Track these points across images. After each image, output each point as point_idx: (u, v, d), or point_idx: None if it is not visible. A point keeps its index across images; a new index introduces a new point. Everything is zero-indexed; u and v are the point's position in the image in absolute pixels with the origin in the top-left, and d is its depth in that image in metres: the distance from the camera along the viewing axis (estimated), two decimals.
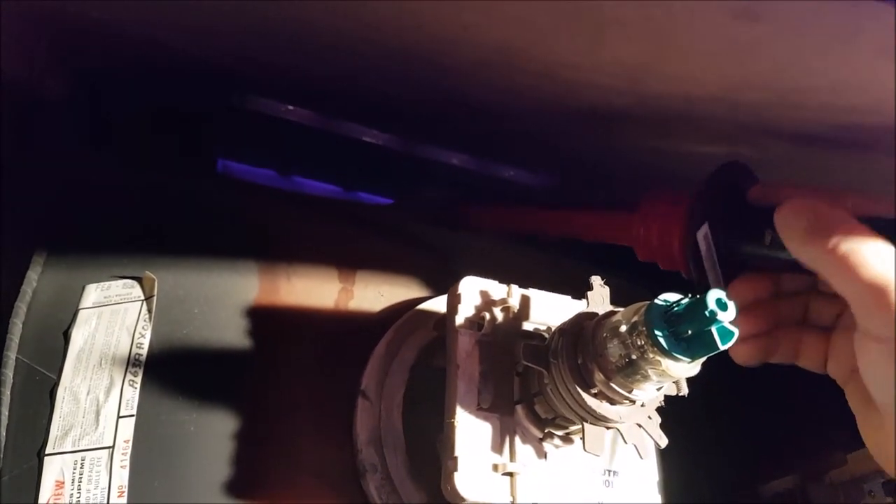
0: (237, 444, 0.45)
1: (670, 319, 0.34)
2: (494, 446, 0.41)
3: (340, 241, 0.56)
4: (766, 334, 0.38)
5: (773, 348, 0.38)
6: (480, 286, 0.45)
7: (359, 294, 0.53)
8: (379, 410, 0.47)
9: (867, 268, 0.30)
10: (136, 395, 0.44)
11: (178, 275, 0.49)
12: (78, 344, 0.46)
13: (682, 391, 0.39)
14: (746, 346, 0.38)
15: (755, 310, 0.38)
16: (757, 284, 0.39)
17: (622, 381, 0.36)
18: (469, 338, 0.43)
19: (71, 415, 0.44)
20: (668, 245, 0.44)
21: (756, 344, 0.38)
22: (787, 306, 0.39)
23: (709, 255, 0.39)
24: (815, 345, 0.38)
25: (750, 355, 0.38)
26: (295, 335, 0.50)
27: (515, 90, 0.49)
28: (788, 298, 0.39)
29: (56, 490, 0.42)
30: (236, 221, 0.54)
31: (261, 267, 0.52)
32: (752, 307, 0.38)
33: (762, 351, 0.38)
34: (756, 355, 0.38)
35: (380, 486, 0.45)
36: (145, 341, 0.46)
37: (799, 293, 0.39)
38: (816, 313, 0.38)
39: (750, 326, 0.37)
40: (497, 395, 0.42)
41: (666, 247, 0.44)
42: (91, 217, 0.52)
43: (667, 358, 0.34)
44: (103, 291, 0.48)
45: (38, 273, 0.48)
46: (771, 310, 0.38)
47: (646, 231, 0.46)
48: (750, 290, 0.38)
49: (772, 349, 0.38)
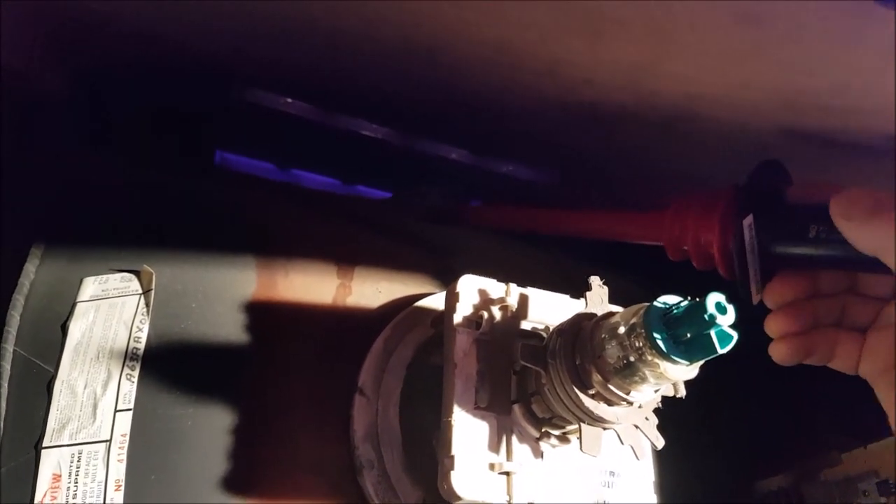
0: (234, 439, 0.45)
1: (669, 322, 0.34)
2: (491, 445, 0.41)
3: (339, 237, 0.56)
4: (804, 333, 0.38)
5: (810, 348, 0.38)
6: (479, 284, 0.45)
7: (357, 290, 0.53)
8: (376, 407, 0.47)
9: None
10: (134, 389, 0.44)
11: (176, 269, 0.49)
12: (75, 337, 0.46)
13: (680, 393, 0.39)
14: (786, 345, 0.38)
15: (794, 308, 0.38)
16: (796, 283, 0.38)
17: (620, 382, 0.36)
18: (467, 336, 0.43)
19: (68, 408, 0.44)
20: (706, 239, 0.43)
21: (795, 343, 0.38)
22: (824, 307, 0.39)
23: (751, 246, 0.39)
24: (849, 345, 0.38)
25: (789, 354, 0.38)
26: (292, 331, 0.50)
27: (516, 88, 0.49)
28: (825, 299, 0.39)
29: (53, 483, 0.42)
30: (234, 216, 0.54)
31: (259, 262, 0.51)
32: (791, 305, 0.38)
33: (801, 350, 0.38)
34: (795, 354, 0.38)
35: (376, 482, 0.45)
36: (143, 335, 0.46)
37: (836, 294, 0.39)
38: (853, 314, 0.38)
39: (790, 324, 0.38)
40: (494, 394, 0.42)
41: (703, 241, 0.44)
42: (89, 212, 0.52)
43: (665, 360, 0.34)
44: (101, 285, 0.48)
45: (36, 266, 0.48)
46: (809, 310, 0.38)
47: (680, 227, 0.46)
48: (789, 288, 0.38)
49: (810, 349, 0.38)
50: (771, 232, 0.39)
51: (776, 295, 0.38)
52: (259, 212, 0.56)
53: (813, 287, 0.39)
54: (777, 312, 0.38)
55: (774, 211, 0.39)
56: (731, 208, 0.41)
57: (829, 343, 0.38)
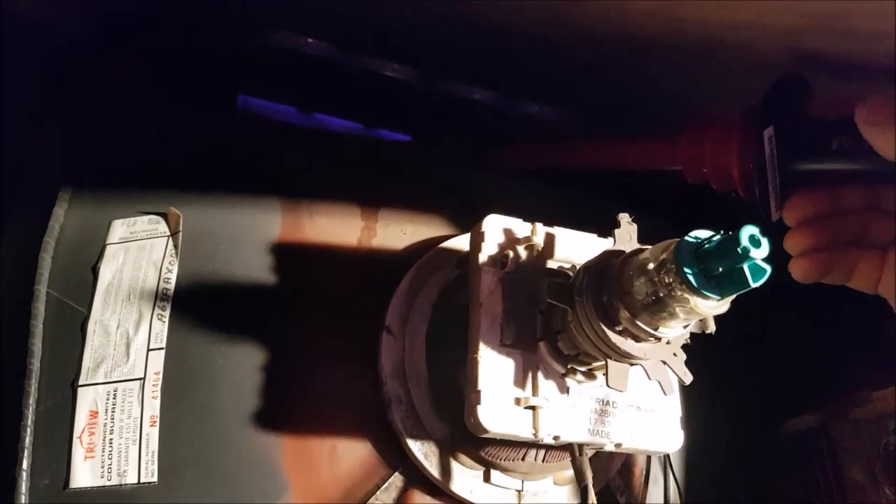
0: (265, 376, 0.46)
1: (700, 256, 0.33)
2: (517, 381, 0.41)
3: (363, 179, 0.56)
4: (825, 250, 0.37)
5: (830, 266, 0.38)
6: (504, 224, 0.45)
7: (381, 232, 0.53)
8: (403, 345, 0.48)
9: None
10: (165, 328, 0.45)
11: (203, 212, 0.50)
12: (106, 278, 0.47)
13: (710, 329, 0.38)
14: (805, 261, 0.37)
15: (814, 225, 0.37)
16: (816, 199, 0.38)
17: (648, 318, 0.36)
18: (492, 276, 0.43)
19: (102, 347, 0.45)
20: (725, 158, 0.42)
21: (815, 260, 0.37)
22: (845, 225, 0.38)
23: (771, 161, 0.38)
24: (870, 263, 0.37)
25: (808, 271, 0.38)
26: (319, 272, 0.50)
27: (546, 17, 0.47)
28: (846, 217, 0.38)
29: (90, 419, 0.43)
30: (259, 160, 0.54)
31: (284, 205, 0.52)
32: (811, 222, 0.37)
33: (820, 267, 0.38)
34: (814, 272, 0.38)
35: (404, 417, 0.46)
36: (172, 276, 0.47)
37: (857, 212, 0.38)
38: (875, 232, 0.38)
39: (810, 241, 0.37)
40: (519, 331, 0.42)
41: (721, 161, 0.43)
42: (115, 156, 0.52)
43: (695, 296, 0.33)
44: (129, 227, 0.49)
45: (65, 209, 0.48)
46: (829, 226, 0.38)
47: (698, 149, 0.45)
48: (810, 204, 0.38)
49: (829, 267, 0.38)
50: (791, 146, 0.38)
51: (796, 211, 0.37)
52: (283, 155, 0.56)
53: (834, 204, 0.38)
54: (796, 229, 0.38)
55: (795, 124, 0.37)
56: (750, 125, 0.40)
57: (850, 261, 0.38)
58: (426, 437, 0.46)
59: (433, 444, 0.46)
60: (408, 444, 0.45)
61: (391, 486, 0.46)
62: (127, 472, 0.42)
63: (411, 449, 0.45)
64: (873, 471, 0.57)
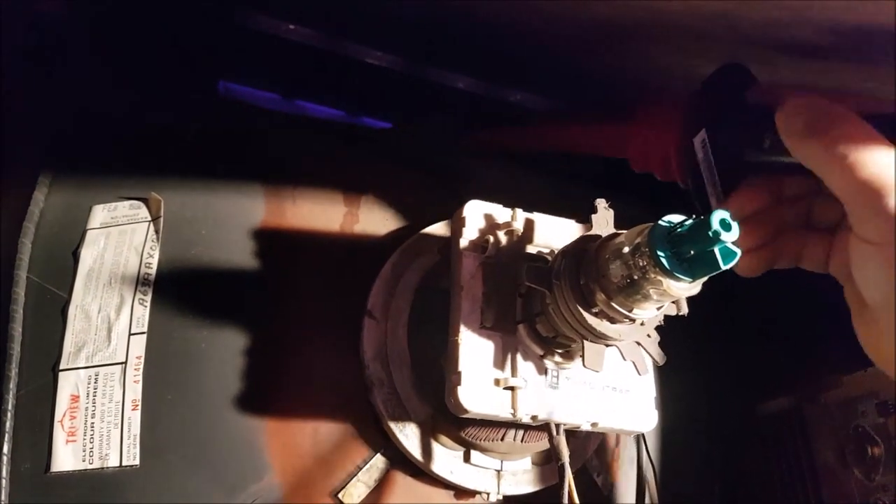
0: (248, 359, 0.46)
1: (673, 240, 0.34)
2: (496, 362, 0.42)
3: (345, 165, 0.56)
4: (767, 246, 0.38)
5: (775, 257, 0.38)
6: (485, 210, 0.45)
7: (364, 218, 0.53)
8: (385, 329, 0.48)
9: (863, 168, 0.30)
10: (147, 313, 0.45)
11: (185, 197, 0.50)
12: (87, 263, 0.47)
13: (683, 311, 0.39)
14: (749, 259, 0.38)
15: (757, 221, 0.37)
16: (757, 194, 0.38)
17: (623, 300, 0.37)
18: (473, 260, 0.44)
19: (83, 332, 0.45)
20: (665, 155, 0.43)
21: (759, 255, 0.38)
22: (790, 211, 0.38)
23: (706, 164, 0.39)
24: (818, 246, 0.37)
25: (752, 268, 0.38)
26: (302, 257, 0.50)
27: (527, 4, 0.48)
28: (790, 203, 0.38)
29: (72, 403, 0.43)
30: (241, 145, 0.54)
31: (266, 190, 0.52)
32: (753, 218, 0.37)
33: (765, 261, 0.38)
34: (759, 266, 0.38)
35: (386, 399, 0.46)
36: (154, 261, 0.47)
37: (801, 196, 0.38)
38: (820, 215, 0.38)
39: (752, 239, 0.37)
40: (499, 314, 0.43)
41: (662, 157, 0.43)
42: (95, 140, 0.52)
43: (668, 278, 0.34)
44: (110, 212, 0.49)
45: (45, 194, 0.48)
46: (773, 218, 0.38)
47: (642, 142, 0.45)
48: (750, 200, 0.38)
49: (774, 258, 0.38)
50: (729, 139, 0.38)
51: (739, 208, 0.37)
52: (266, 140, 0.56)
53: (778, 192, 0.38)
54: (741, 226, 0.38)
55: (733, 117, 0.38)
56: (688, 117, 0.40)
57: (797, 245, 0.38)
58: (408, 418, 0.46)
59: (414, 426, 0.47)
60: (389, 425, 0.46)
61: (373, 467, 0.47)
62: (109, 456, 0.42)
63: (393, 430, 0.46)
64: (843, 452, 0.59)
